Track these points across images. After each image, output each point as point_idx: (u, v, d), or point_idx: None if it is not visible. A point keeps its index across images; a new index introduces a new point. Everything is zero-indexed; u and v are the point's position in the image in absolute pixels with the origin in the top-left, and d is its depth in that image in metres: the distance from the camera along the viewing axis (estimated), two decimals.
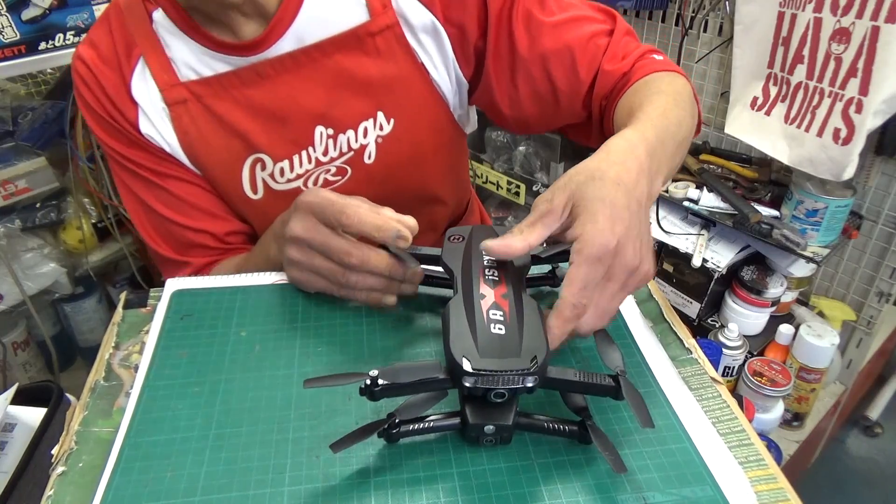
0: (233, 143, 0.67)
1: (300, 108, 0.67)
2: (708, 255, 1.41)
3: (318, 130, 0.68)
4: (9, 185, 1.30)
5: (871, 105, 1.12)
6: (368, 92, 0.67)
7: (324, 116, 0.67)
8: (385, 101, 0.68)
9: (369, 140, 0.69)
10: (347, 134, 0.69)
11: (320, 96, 0.67)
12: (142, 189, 0.70)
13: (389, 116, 0.69)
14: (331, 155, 0.69)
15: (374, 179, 0.72)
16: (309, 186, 0.70)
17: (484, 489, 0.41)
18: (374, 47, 0.66)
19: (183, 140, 0.67)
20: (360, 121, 0.68)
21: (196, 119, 0.66)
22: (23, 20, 1.14)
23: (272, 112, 0.66)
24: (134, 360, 0.52)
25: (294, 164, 0.69)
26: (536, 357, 0.41)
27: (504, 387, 0.40)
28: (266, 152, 0.68)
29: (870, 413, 1.73)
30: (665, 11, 1.58)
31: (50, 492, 0.42)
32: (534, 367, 0.40)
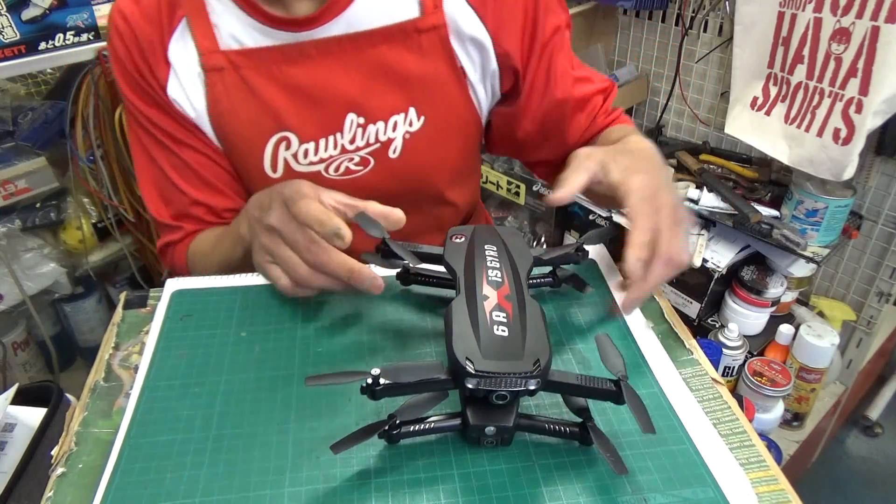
0: (262, 118, 0.67)
1: (336, 92, 0.67)
2: (708, 255, 1.41)
3: (349, 118, 0.68)
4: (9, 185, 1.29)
5: (871, 105, 1.12)
6: (404, 87, 0.68)
7: (357, 104, 0.68)
8: (419, 99, 0.69)
9: (397, 135, 0.69)
10: (377, 125, 0.69)
11: (357, 84, 0.67)
12: (154, 148, 0.70)
13: (421, 114, 0.69)
14: (357, 144, 0.69)
15: (394, 174, 0.72)
16: (330, 171, 0.70)
17: (485, 490, 0.41)
18: (418, 44, 0.67)
19: (213, 108, 0.67)
20: (392, 114, 0.69)
21: (230, 88, 0.66)
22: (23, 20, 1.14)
23: (307, 93, 0.66)
24: (134, 361, 0.52)
25: (319, 148, 0.69)
26: (539, 360, 0.41)
27: (506, 389, 0.40)
28: (294, 132, 0.68)
29: (870, 413, 1.73)
30: (665, 11, 1.58)
31: (50, 493, 0.42)
32: (536, 369, 0.40)
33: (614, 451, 0.41)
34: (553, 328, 0.55)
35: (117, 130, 1.33)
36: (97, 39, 1.25)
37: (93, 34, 1.25)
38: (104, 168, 1.40)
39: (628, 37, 1.70)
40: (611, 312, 0.57)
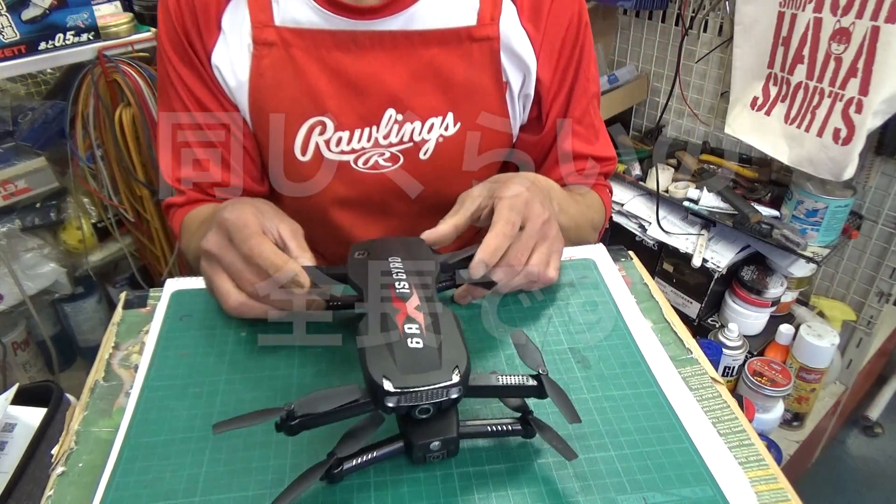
0: (302, 99, 0.67)
1: (380, 86, 0.67)
2: (708, 255, 1.41)
3: (388, 112, 0.68)
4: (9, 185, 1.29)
5: (871, 105, 1.12)
6: (447, 91, 0.68)
7: (398, 101, 0.68)
8: (459, 105, 0.69)
9: (431, 137, 0.70)
10: (414, 124, 0.69)
11: (402, 81, 0.67)
12: (180, 109, 0.70)
13: (458, 120, 0.70)
14: (391, 140, 0.70)
15: (420, 175, 0.72)
16: (359, 164, 0.70)
17: (484, 489, 0.41)
18: (468, 52, 0.68)
19: (254, 81, 0.67)
20: (430, 116, 0.69)
21: (276, 64, 0.66)
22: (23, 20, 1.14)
23: (352, 82, 0.67)
24: (134, 361, 0.52)
25: (353, 138, 0.69)
26: (458, 367, 0.40)
27: (428, 402, 0.39)
28: (331, 117, 0.68)
29: (870, 413, 1.73)
30: (665, 11, 1.58)
31: (50, 492, 0.42)
32: (454, 377, 0.39)
33: (560, 439, 0.41)
34: (553, 329, 0.55)
35: (117, 130, 1.33)
36: (97, 39, 1.25)
37: (93, 34, 1.25)
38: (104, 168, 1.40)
39: (628, 37, 1.70)
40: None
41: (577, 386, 0.49)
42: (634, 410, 0.47)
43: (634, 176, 1.60)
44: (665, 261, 1.49)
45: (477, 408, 0.47)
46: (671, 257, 1.47)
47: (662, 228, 1.48)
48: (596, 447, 0.44)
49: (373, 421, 0.41)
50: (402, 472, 0.43)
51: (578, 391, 0.49)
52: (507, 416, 0.45)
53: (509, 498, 0.41)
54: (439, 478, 0.42)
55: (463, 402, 0.41)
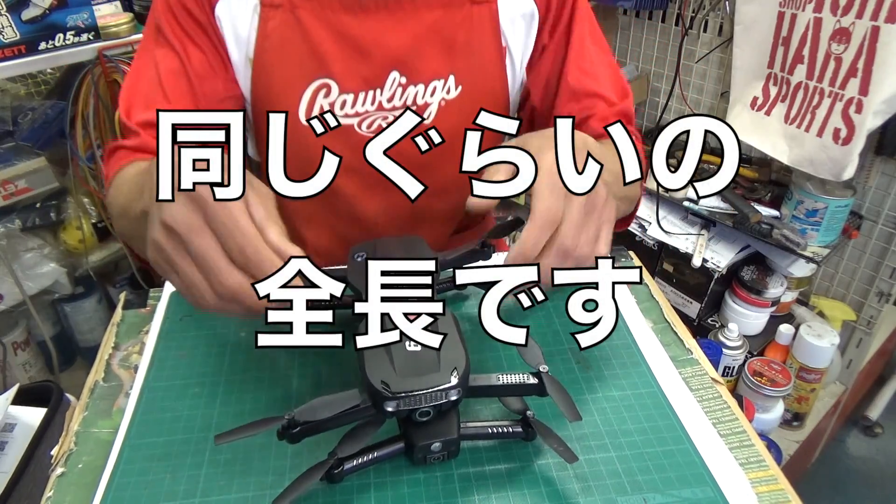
0: (307, 61, 0.67)
1: (384, 48, 0.68)
2: (708, 255, 1.41)
3: (392, 75, 0.69)
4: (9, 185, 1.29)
5: (871, 105, 1.12)
6: (449, 53, 0.69)
7: (402, 63, 0.68)
8: (460, 68, 0.70)
9: (434, 100, 0.71)
10: (417, 87, 0.70)
11: (406, 43, 0.68)
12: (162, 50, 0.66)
13: (459, 83, 0.71)
14: (394, 103, 0.70)
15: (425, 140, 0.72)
16: (363, 127, 0.71)
17: (484, 490, 0.41)
18: (468, 14, 0.69)
19: (261, 42, 0.67)
20: (433, 78, 0.70)
21: (282, 26, 0.66)
22: (23, 20, 1.14)
23: (357, 43, 0.67)
24: (134, 361, 0.52)
25: (357, 101, 0.69)
26: (457, 368, 0.39)
27: (428, 405, 0.39)
28: (336, 80, 0.68)
29: (870, 413, 1.73)
30: (665, 11, 1.58)
31: (50, 492, 0.42)
32: (455, 379, 0.39)
33: (560, 441, 0.41)
34: (553, 329, 0.55)
35: (117, 130, 1.33)
36: (97, 39, 1.25)
37: (93, 34, 1.24)
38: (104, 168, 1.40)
39: (628, 37, 1.69)
40: None
41: (578, 386, 0.49)
42: (634, 411, 0.47)
43: None
44: (665, 261, 1.49)
45: (478, 409, 0.47)
46: (671, 257, 1.47)
47: (662, 228, 1.48)
48: (596, 448, 0.44)
49: (373, 421, 0.41)
50: (402, 472, 0.43)
51: (578, 391, 0.49)
52: (509, 418, 0.44)
53: (509, 499, 0.41)
54: (439, 478, 0.42)
55: (464, 402, 0.41)
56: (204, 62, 0.67)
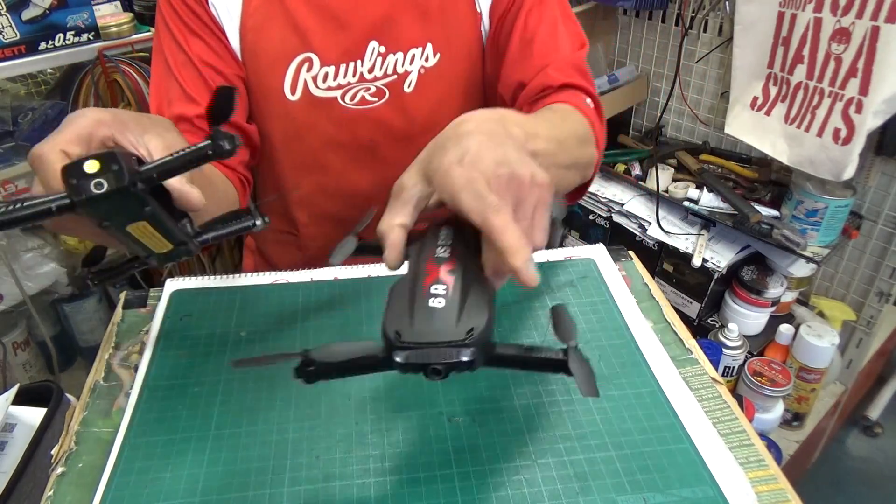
0: (289, 38, 0.69)
1: (362, 17, 0.69)
2: (708, 255, 1.41)
3: (371, 45, 0.70)
4: (9, 185, 1.29)
5: (871, 105, 1.12)
6: (425, 21, 0.70)
7: (380, 32, 0.70)
8: (437, 35, 0.71)
9: (413, 69, 0.72)
10: (396, 56, 0.71)
11: (383, 11, 0.69)
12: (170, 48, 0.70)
13: (437, 51, 0.71)
14: (375, 73, 0.71)
15: (406, 110, 0.73)
16: (346, 100, 0.72)
17: (484, 490, 0.41)
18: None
19: (245, 22, 0.68)
20: (411, 47, 0.71)
21: (264, 5, 0.68)
22: (23, 20, 1.14)
23: (335, 15, 0.68)
24: (134, 361, 0.52)
25: (339, 73, 0.70)
26: (473, 329, 0.38)
27: (439, 361, 0.37)
28: (317, 53, 0.69)
29: (870, 413, 1.73)
30: (665, 11, 1.58)
31: (50, 492, 0.42)
32: (469, 338, 0.37)
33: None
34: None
35: None
36: (97, 39, 1.25)
37: (93, 34, 1.24)
38: None
39: (628, 37, 1.69)
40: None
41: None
42: (634, 410, 0.47)
43: (634, 176, 1.60)
44: (665, 261, 1.49)
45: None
46: (671, 257, 1.47)
47: (662, 228, 1.48)
48: (596, 447, 0.44)
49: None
50: (403, 472, 0.43)
51: (579, 391, 0.49)
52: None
53: (510, 498, 0.41)
54: (439, 478, 0.42)
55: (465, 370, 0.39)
56: (205, 49, 0.69)
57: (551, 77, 0.67)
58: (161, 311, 0.56)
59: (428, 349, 0.37)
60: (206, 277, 0.60)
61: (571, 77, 0.67)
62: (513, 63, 0.71)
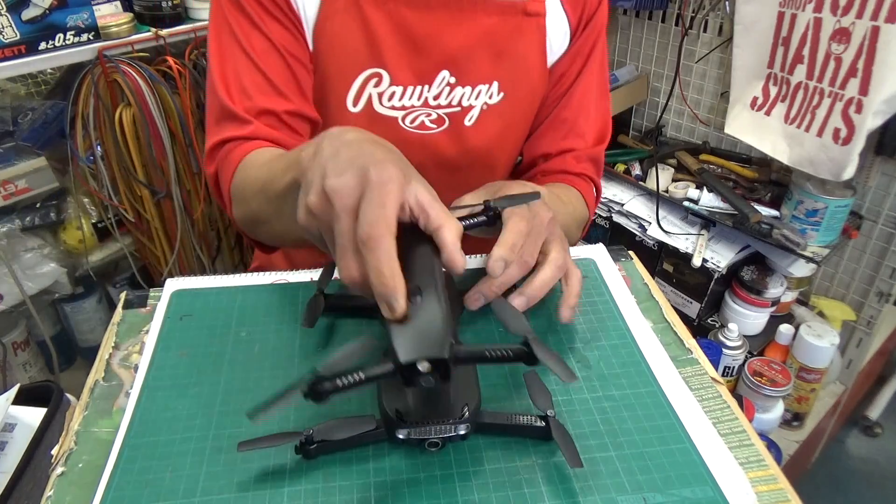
0: (362, 49, 0.68)
1: (439, 46, 0.69)
2: (708, 255, 1.41)
3: (441, 74, 0.70)
4: (9, 185, 1.29)
5: (871, 105, 1.12)
6: (497, 61, 0.71)
7: (454, 63, 0.70)
8: (505, 76, 0.72)
9: (477, 104, 0.73)
10: (464, 89, 0.72)
11: (460, 44, 0.69)
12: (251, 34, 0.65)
13: (502, 90, 0.73)
14: (440, 102, 0.72)
15: (462, 142, 0.74)
16: (406, 122, 0.72)
17: (484, 489, 0.41)
18: (520, 25, 0.71)
19: (320, 24, 0.67)
20: (479, 83, 0.72)
21: (343, 11, 0.67)
22: (23, 20, 1.14)
23: (414, 38, 0.68)
24: (134, 361, 0.52)
25: (405, 95, 0.70)
26: (468, 405, 0.42)
27: (438, 436, 0.41)
28: (388, 71, 0.69)
29: (870, 413, 1.73)
30: (665, 11, 1.58)
31: (50, 492, 0.42)
32: (466, 414, 0.41)
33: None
34: (553, 329, 0.55)
35: (117, 130, 1.33)
36: (97, 39, 1.25)
37: (93, 34, 1.24)
38: (104, 168, 1.40)
39: (628, 37, 1.69)
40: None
41: (578, 386, 0.49)
42: (634, 410, 0.47)
43: (634, 176, 1.60)
44: (665, 261, 1.49)
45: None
46: (671, 257, 1.47)
47: (662, 228, 1.48)
48: (596, 447, 0.44)
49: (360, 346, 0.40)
50: (403, 472, 0.43)
51: (579, 391, 0.49)
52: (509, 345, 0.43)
53: (510, 498, 0.41)
54: (439, 478, 0.42)
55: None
56: (288, 37, 0.66)
57: (570, 164, 0.77)
58: (161, 311, 0.56)
59: (427, 426, 0.41)
60: (206, 277, 0.60)
61: (587, 170, 0.79)
62: (544, 133, 0.79)
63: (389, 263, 0.38)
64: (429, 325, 0.39)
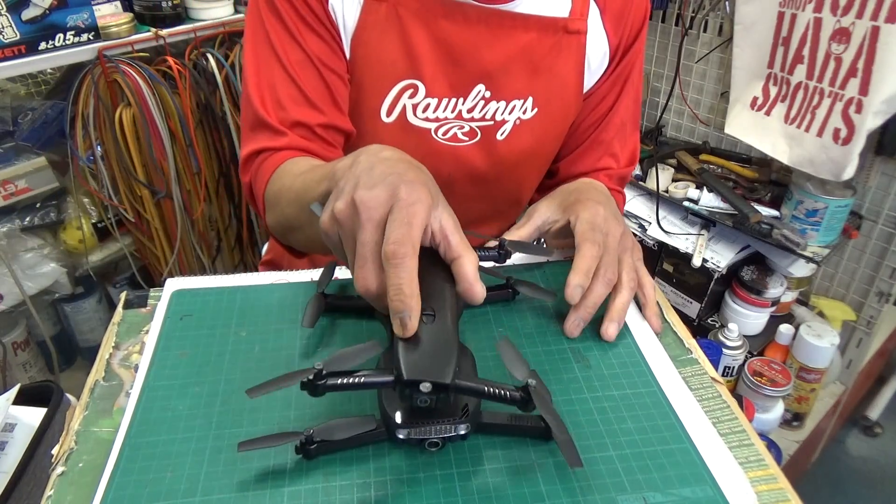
0: (399, 60, 0.68)
1: (476, 60, 0.69)
2: (708, 255, 1.41)
3: (477, 87, 0.70)
4: (9, 185, 1.30)
5: (871, 105, 1.12)
6: (533, 76, 0.71)
7: (489, 78, 0.70)
8: (540, 91, 0.72)
9: (511, 118, 0.72)
10: (499, 104, 0.71)
11: (497, 59, 0.69)
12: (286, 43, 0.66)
13: (536, 105, 0.73)
14: (473, 115, 0.72)
15: (494, 155, 0.74)
16: (439, 133, 0.72)
17: (484, 489, 0.41)
18: (559, 42, 0.70)
19: (359, 34, 0.67)
20: (514, 98, 0.72)
21: (382, 21, 0.67)
22: (23, 20, 1.14)
23: (451, 51, 0.68)
24: (134, 360, 0.52)
25: (440, 107, 0.70)
26: (468, 405, 0.42)
27: (437, 437, 0.41)
28: (424, 82, 0.69)
29: (870, 413, 1.73)
30: (665, 11, 1.58)
31: (50, 492, 0.42)
32: (464, 415, 0.41)
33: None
34: (553, 329, 0.55)
35: (117, 130, 1.33)
36: (97, 39, 1.26)
37: (93, 34, 1.25)
38: (104, 168, 1.40)
39: None
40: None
41: (577, 386, 0.49)
42: (634, 410, 0.47)
43: (634, 176, 1.60)
44: (665, 261, 1.49)
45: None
46: (671, 257, 1.47)
47: (662, 228, 1.48)
48: (596, 447, 0.44)
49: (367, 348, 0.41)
50: (403, 472, 0.43)
51: (578, 391, 0.49)
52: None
53: (509, 499, 0.41)
54: (439, 478, 0.42)
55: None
56: (324, 48, 0.66)
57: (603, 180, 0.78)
58: (161, 311, 0.56)
59: (427, 426, 0.41)
60: (206, 277, 0.60)
61: (616, 186, 0.81)
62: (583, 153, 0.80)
63: (410, 283, 0.40)
64: (437, 348, 0.41)
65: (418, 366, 0.39)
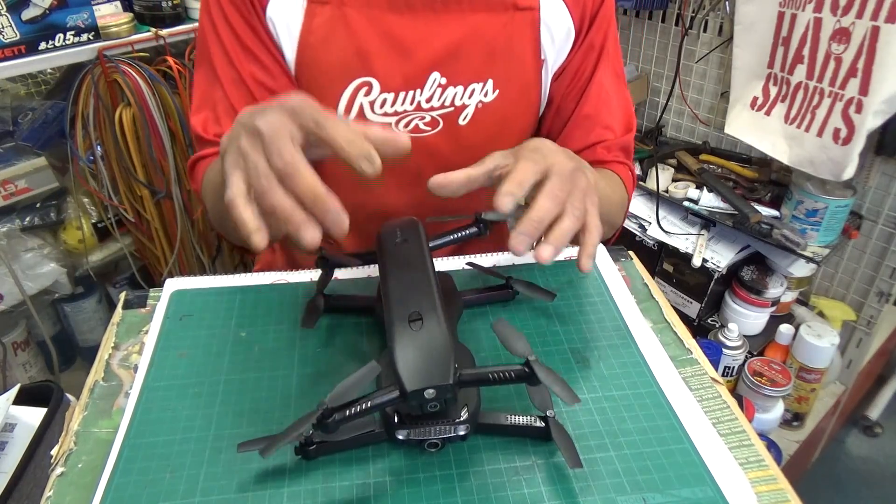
0: (351, 59, 0.68)
1: (427, 48, 0.68)
2: (708, 255, 1.41)
3: (432, 76, 0.69)
4: (9, 185, 1.29)
5: (871, 105, 1.12)
6: (488, 58, 0.70)
7: (444, 64, 0.69)
8: (498, 72, 0.71)
9: (471, 102, 0.72)
10: (456, 89, 0.71)
11: (448, 45, 0.68)
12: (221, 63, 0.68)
13: (496, 87, 0.72)
14: (433, 104, 0.71)
15: (458, 141, 0.74)
16: (399, 127, 0.71)
17: (483, 490, 0.41)
18: (511, 20, 0.69)
19: (304, 39, 0.67)
20: (472, 81, 0.71)
21: (327, 23, 0.67)
22: (23, 20, 1.14)
23: (401, 43, 0.68)
24: (133, 361, 0.52)
25: (397, 101, 0.70)
26: (468, 406, 0.42)
27: (437, 437, 0.42)
28: (377, 78, 0.68)
29: (870, 413, 1.73)
30: (665, 11, 1.58)
31: (49, 492, 0.42)
32: (465, 415, 0.42)
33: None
34: (553, 329, 0.55)
35: (117, 130, 1.33)
36: (97, 39, 1.25)
37: (93, 34, 1.25)
38: (104, 168, 1.40)
39: (628, 37, 1.70)
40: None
41: (577, 386, 0.49)
42: (634, 410, 0.47)
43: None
44: (665, 261, 1.49)
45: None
46: (671, 257, 1.47)
47: (662, 228, 1.48)
48: (596, 447, 0.44)
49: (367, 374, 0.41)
50: (402, 472, 0.43)
51: (578, 391, 0.49)
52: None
53: (509, 499, 0.41)
54: (439, 478, 0.42)
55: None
56: (258, 68, 0.68)
57: (601, 154, 0.76)
58: (161, 311, 0.56)
59: (427, 426, 0.41)
60: (206, 277, 0.60)
61: (618, 157, 0.78)
62: (570, 132, 0.77)
63: (310, 177, 0.41)
64: (432, 351, 0.41)
65: (418, 374, 0.39)
